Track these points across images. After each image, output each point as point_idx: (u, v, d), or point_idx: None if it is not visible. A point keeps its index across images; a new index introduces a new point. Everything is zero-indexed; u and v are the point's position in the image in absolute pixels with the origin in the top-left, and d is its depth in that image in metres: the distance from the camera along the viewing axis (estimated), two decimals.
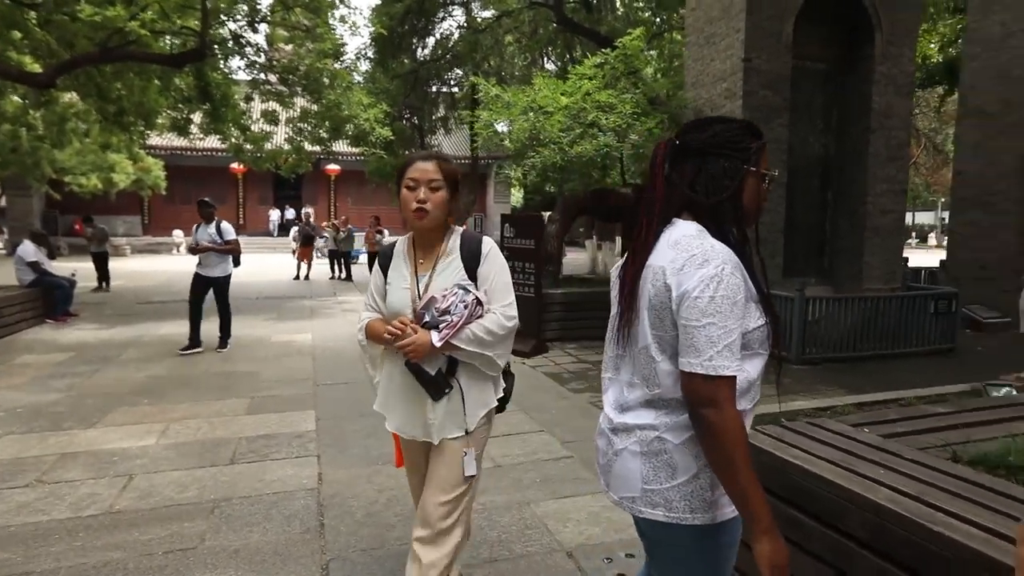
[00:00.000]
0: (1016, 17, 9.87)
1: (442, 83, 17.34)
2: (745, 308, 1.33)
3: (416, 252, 2.03)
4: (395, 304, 1.98)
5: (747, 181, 1.41)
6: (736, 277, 1.30)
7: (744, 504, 1.26)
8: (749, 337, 1.35)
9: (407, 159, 1.99)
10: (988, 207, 10.25)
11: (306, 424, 4.60)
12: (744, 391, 1.36)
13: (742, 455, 1.25)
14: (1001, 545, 1.51)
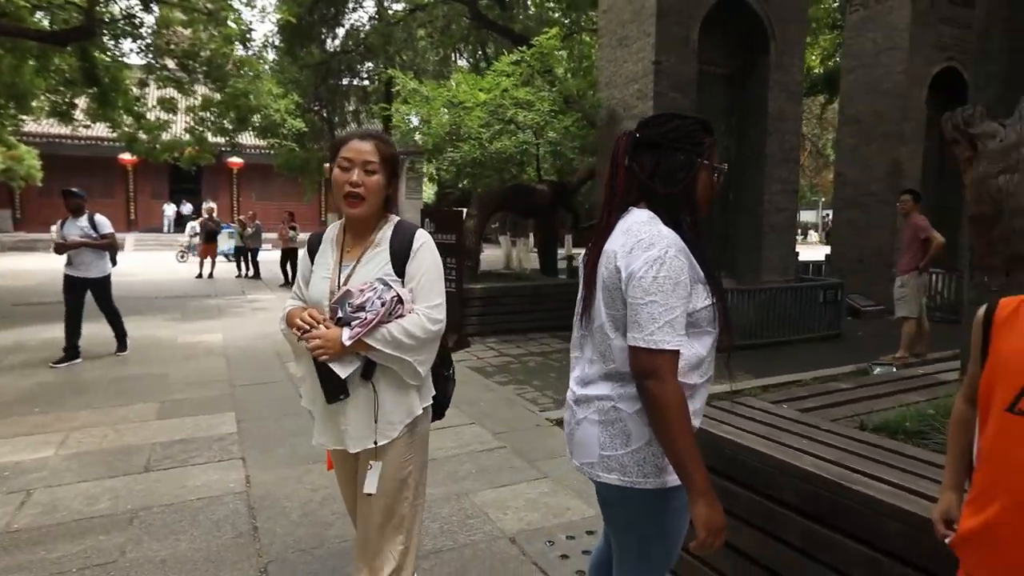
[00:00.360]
0: (886, 36, 10.93)
1: (354, 76, 16.87)
2: (692, 290, 1.43)
3: (345, 240, 1.86)
4: (314, 295, 1.83)
5: (700, 174, 1.52)
6: (679, 260, 1.40)
7: (682, 468, 1.37)
8: (697, 316, 1.45)
9: (343, 136, 1.81)
10: (864, 207, 11.30)
11: (226, 427, 4.39)
12: (694, 366, 1.47)
13: (680, 423, 1.36)
14: (910, 498, 1.71)
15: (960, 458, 1.43)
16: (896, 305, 6.53)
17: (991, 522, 1.20)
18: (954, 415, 1.47)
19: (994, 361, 1.25)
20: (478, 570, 2.61)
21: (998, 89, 2.87)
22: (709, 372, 1.54)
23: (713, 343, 1.51)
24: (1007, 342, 1.24)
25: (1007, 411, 1.20)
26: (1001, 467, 1.21)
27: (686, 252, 1.44)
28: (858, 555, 1.79)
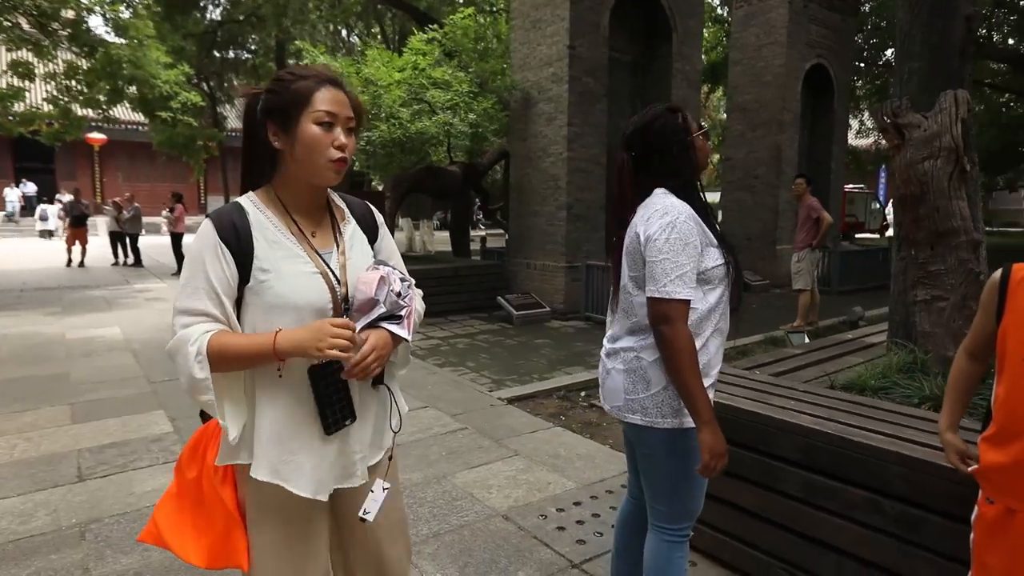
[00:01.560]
0: (766, 31, 11.84)
1: (241, 48, 15.68)
2: (704, 251, 1.67)
3: (297, 221, 1.36)
4: (301, 300, 1.29)
5: (694, 147, 1.77)
6: (689, 224, 1.64)
7: (690, 402, 1.61)
8: (709, 274, 1.69)
9: (306, 82, 1.30)
10: (750, 189, 12.26)
11: (160, 426, 4.04)
12: (705, 316, 1.70)
13: (689, 361, 1.59)
14: (905, 444, 1.96)
15: (959, 403, 1.66)
16: (793, 279, 7.19)
17: (1017, 456, 1.41)
18: (956, 367, 1.69)
19: (1011, 318, 1.46)
20: (482, 548, 2.63)
21: (919, 84, 3.25)
22: (722, 325, 1.76)
23: (722, 296, 1.73)
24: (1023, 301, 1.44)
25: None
26: (1021, 409, 1.42)
27: (696, 219, 1.68)
28: (859, 498, 2.02)
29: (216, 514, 1.34)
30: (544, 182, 8.81)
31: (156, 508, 1.40)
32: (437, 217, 23.73)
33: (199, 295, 1.25)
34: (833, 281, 10.77)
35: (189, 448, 1.41)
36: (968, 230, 2.94)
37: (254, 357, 1.24)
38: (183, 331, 1.23)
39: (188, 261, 1.29)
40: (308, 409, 1.31)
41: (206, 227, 1.30)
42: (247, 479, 1.32)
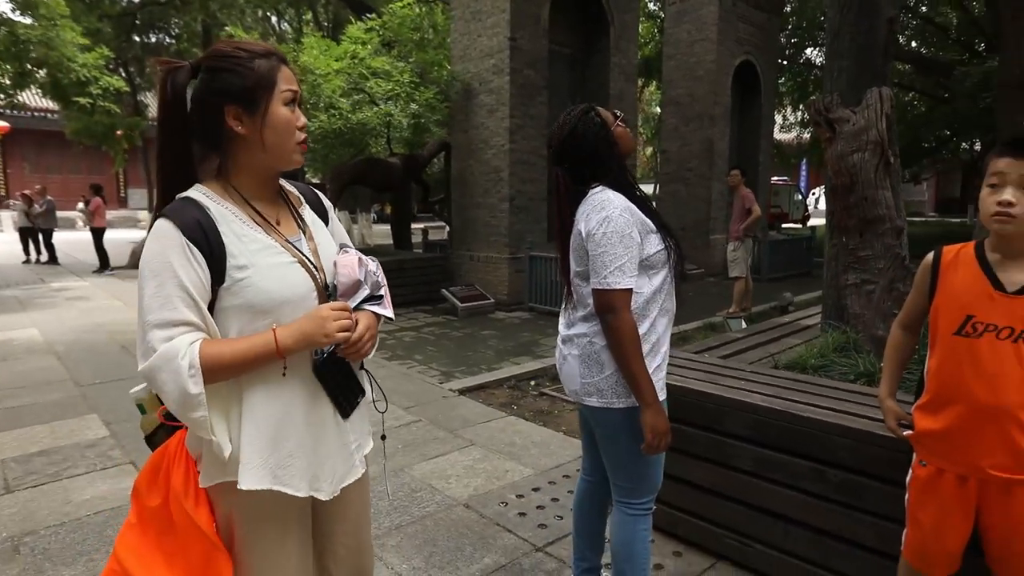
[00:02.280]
0: (698, 28, 12.22)
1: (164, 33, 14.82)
2: (645, 239, 1.77)
3: (260, 211, 1.28)
4: (287, 292, 1.22)
5: (617, 137, 1.85)
6: (624, 217, 1.73)
7: (634, 384, 1.72)
8: (652, 259, 1.79)
9: (274, 60, 1.23)
10: (684, 181, 12.67)
11: (94, 431, 3.83)
12: (651, 298, 1.79)
13: (631, 348, 1.70)
14: (849, 417, 2.10)
15: (896, 372, 1.82)
16: (729, 267, 7.51)
17: (948, 419, 1.55)
18: (892, 339, 1.83)
19: (941, 295, 1.59)
20: (446, 537, 2.65)
21: (848, 81, 3.46)
22: (668, 305, 1.85)
23: (666, 278, 1.83)
24: (953, 280, 1.58)
25: (955, 335, 1.55)
26: (951, 379, 1.55)
27: (632, 211, 1.77)
28: (805, 469, 2.16)
29: (191, 540, 1.21)
30: (486, 174, 8.81)
31: (117, 543, 1.26)
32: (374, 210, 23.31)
33: (173, 304, 1.12)
34: (763, 269, 11.29)
35: (147, 473, 1.28)
36: (893, 218, 3.16)
37: (255, 360, 1.16)
38: (165, 346, 1.10)
39: (151, 268, 1.14)
40: (307, 405, 1.27)
41: (165, 227, 1.15)
42: (234, 495, 1.20)
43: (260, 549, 1.28)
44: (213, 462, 1.22)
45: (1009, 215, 1.44)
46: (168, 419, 1.30)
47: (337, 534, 1.45)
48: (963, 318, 1.53)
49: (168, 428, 1.31)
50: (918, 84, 17.04)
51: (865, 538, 2.04)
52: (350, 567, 1.48)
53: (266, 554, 1.28)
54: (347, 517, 1.45)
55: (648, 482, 1.91)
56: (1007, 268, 1.50)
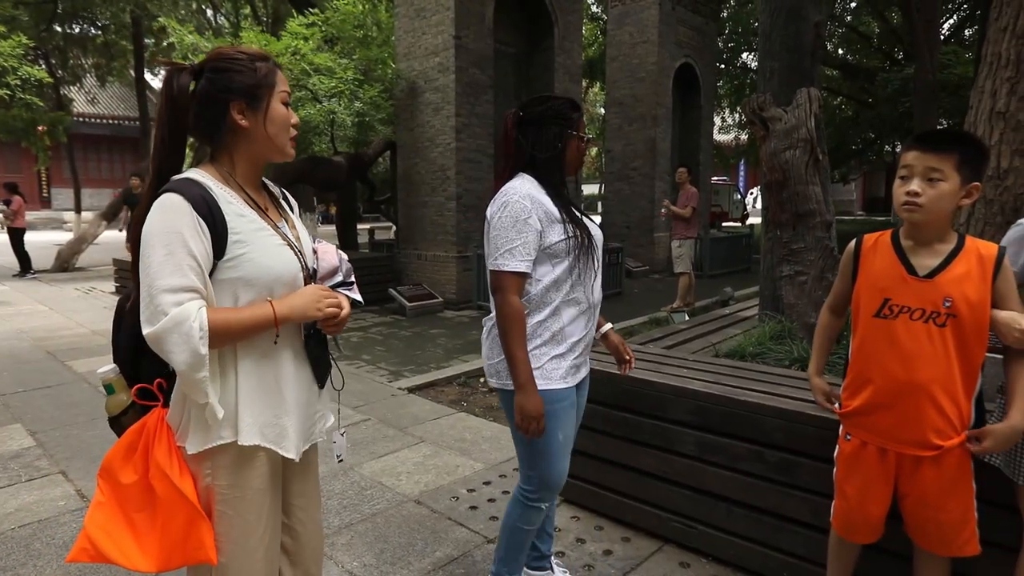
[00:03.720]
0: (640, 30, 12.51)
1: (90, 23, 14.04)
2: (548, 227, 1.79)
3: (252, 197, 1.38)
4: (279, 270, 1.33)
5: (571, 142, 1.88)
6: (521, 203, 1.77)
7: (511, 365, 1.77)
8: (554, 248, 1.81)
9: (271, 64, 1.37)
10: (628, 180, 12.94)
11: (18, 441, 3.61)
12: (551, 286, 1.82)
13: (511, 330, 1.75)
14: (782, 399, 2.21)
15: (823, 351, 1.93)
16: (674, 263, 7.72)
17: (869, 396, 1.66)
18: (820, 321, 1.95)
19: (862, 280, 1.70)
20: (397, 533, 2.63)
21: (779, 82, 3.63)
22: (577, 296, 1.86)
23: (571, 268, 1.83)
24: (872, 266, 1.69)
25: (874, 317, 1.65)
26: (872, 358, 1.66)
27: (533, 198, 1.79)
28: (744, 451, 2.25)
29: (176, 510, 1.27)
30: (433, 172, 8.77)
31: (87, 522, 1.28)
32: (319, 210, 22.81)
33: (184, 271, 1.20)
34: (705, 265, 11.65)
35: (122, 451, 1.31)
36: (822, 212, 3.33)
37: (254, 328, 1.28)
38: (176, 310, 1.18)
39: (160, 238, 1.21)
40: (292, 372, 1.39)
41: (176, 201, 1.23)
42: (219, 458, 1.30)
43: (238, 515, 1.34)
44: (199, 429, 1.30)
45: (916, 204, 1.54)
46: (142, 398, 1.35)
47: (295, 509, 1.52)
48: (881, 301, 1.64)
49: (139, 408, 1.36)
50: (845, 89, 17.92)
51: (800, 513, 2.14)
52: (306, 545, 1.55)
53: (244, 521, 1.35)
54: (304, 491, 1.54)
55: (536, 472, 1.91)
56: (919, 254, 1.61)
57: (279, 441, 1.36)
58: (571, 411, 1.90)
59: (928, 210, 1.54)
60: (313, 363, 1.45)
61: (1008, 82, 2.66)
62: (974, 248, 1.58)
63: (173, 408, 1.34)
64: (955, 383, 1.54)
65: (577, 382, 1.90)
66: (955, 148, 1.55)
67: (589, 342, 1.94)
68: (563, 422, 1.86)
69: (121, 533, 1.27)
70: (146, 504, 1.29)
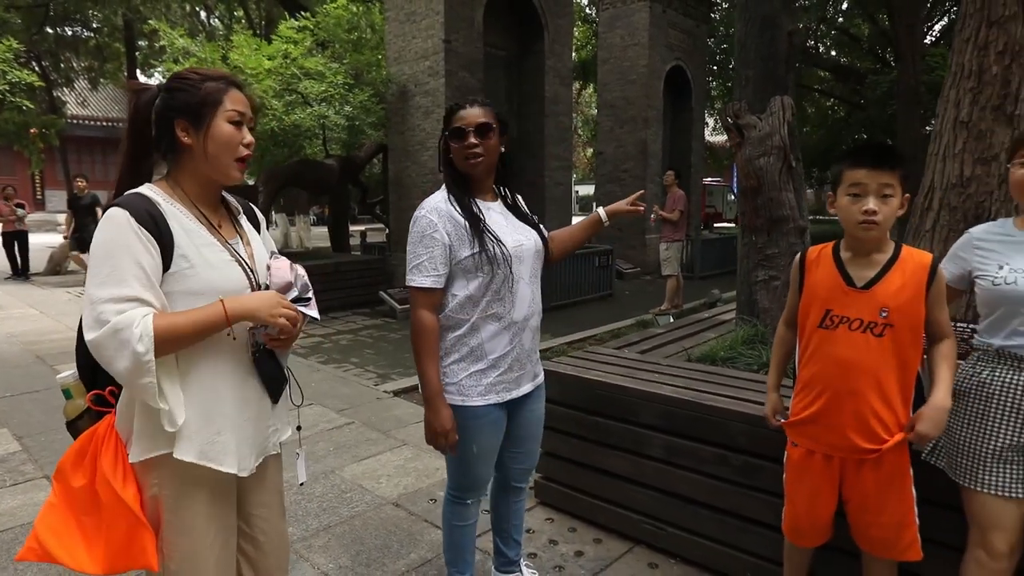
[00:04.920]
0: (630, 33, 12.57)
1: (83, 25, 14.05)
2: (459, 243, 1.79)
3: (204, 213, 1.40)
4: (226, 285, 1.35)
5: (449, 144, 1.85)
6: (427, 219, 1.79)
7: (420, 378, 1.82)
8: (464, 263, 1.79)
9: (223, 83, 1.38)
10: (620, 182, 12.99)
11: (4, 446, 3.65)
12: (466, 302, 1.81)
13: (420, 344, 1.80)
14: (745, 404, 2.26)
15: (780, 366, 1.95)
16: (662, 266, 7.78)
17: (814, 406, 1.71)
18: (777, 335, 1.98)
19: (808, 292, 1.75)
20: (373, 535, 2.68)
21: (754, 89, 3.68)
22: (497, 311, 1.83)
23: (488, 283, 1.81)
24: (815, 277, 1.74)
25: (818, 327, 1.71)
26: (815, 367, 1.71)
27: (441, 212, 1.80)
28: (710, 454, 2.31)
29: (117, 517, 1.29)
30: (423, 175, 8.82)
31: (37, 523, 1.31)
32: (314, 212, 22.84)
33: (128, 282, 1.22)
34: (696, 267, 11.72)
35: (73, 455, 1.35)
36: (795, 218, 3.38)
37: (206, 326, 1.28)
38: (118, 317, 1.19)
39: (105, 250, 1.24)
40: (238, 388, 1.40)
41: (119, 215, 1.26)
42: (164, 469, 1.32)
43: (186, 525, 1.36)
44: (145, 437, 1.32)
45: (874, 222, 1.59)
46: (96, 404, 1.39)
47: (254, 519, 1.54)
48: (823, 312, 1.69)
49: (94, 414, 1.40)
50: (837, 91, 18.02)
51: (763, 515, 2.20)
52: (269, 554, 1.57)
53: (192, 531, 1.36)
54: (264, 502, 1.55)
55: (451, 470, 2.01)
56: (857, 265, 1.67)
57: (219, 458, 1.35)
58: (490, 428, 1.89)
59: (883, 227, 1.59)
60: (264, 379, 1.44)
61: (970, 92, 2.72)
62: (910, 258, 1.64)
63: (121, 416, 1.36)
64: (892, 388, 1.60)
65: (505, 400, 1.88)
66: (898, 163, 1.60)
67: (520, 358, 1.89)
68: (478, 437, 1.88)
69: (71, 535, 1.30)
70: (93, 508, 1.32)
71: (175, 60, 7.29)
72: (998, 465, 1.61)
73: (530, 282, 1.90)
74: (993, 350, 1.65)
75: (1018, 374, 1.60)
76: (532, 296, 1.90)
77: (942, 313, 1.64)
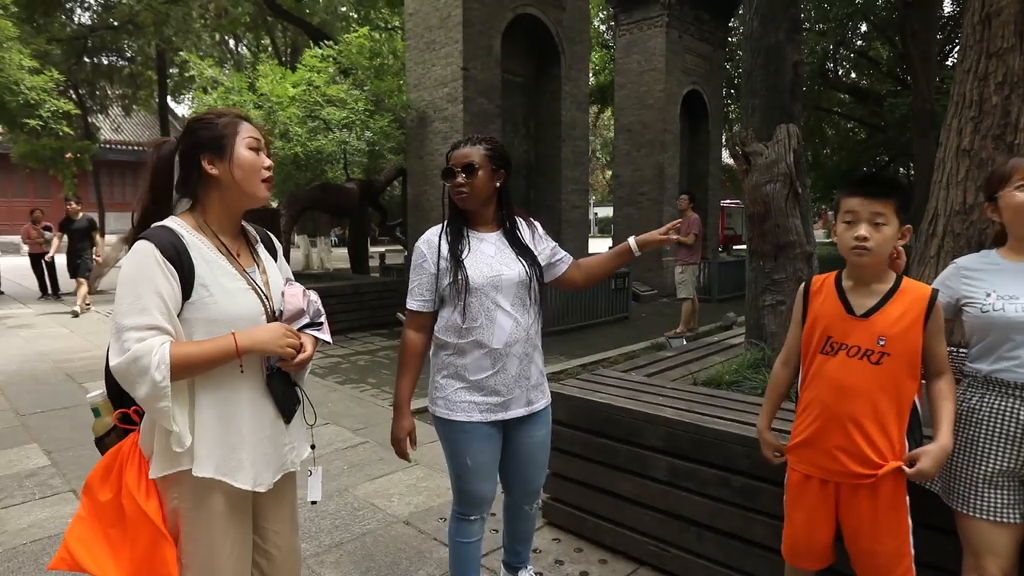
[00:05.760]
0: (647, 59, 12.74)
1: (117, 55, 14.66)
2: (443, 272, 1.95)
3: (224, 243, 1.51)
4: (242, 312, 1.45)
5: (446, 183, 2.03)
6: (419, 248, 2.01)
7: (395, 388, 2.05)
8: (445, 290, 1.97)
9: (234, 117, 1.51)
10: (637, 205, 13.08)
11: (33, 460, 3.80)
12: (448, 328, 1.97)
13: (400, 359, 2.05)
14: (747, 427, 2.30)
15: (773, 406, 1.96)
16: (678, 288, 7.80)
17: (810, 429, 1.75)
18: (772, 376, 1.98)
19: (810, 319, 1.81)
20: (383, 553, 2.74)
21: (760, 117, 3.76)
22: (480, 337, 1.93)
23: (462, 311, 1.93)
24: (818, 305, 1.80)
25: (820, 353, 1.76)
26: (815, 393, 1.76)
27: (430, 244, 1.99)
28: (712, 476, 2.35)
29: (140, 530, 1.37)
30: (441, 199, 8.97)
31: (67, 534, 1.41)
32: (335, 234, 23.26)
33: (150, 311, 1.32)
34: (713, 290, 11.69)
35: (100, 470, 1.45)
36: (802, 243, 3.43)
37: (216, 358, 1.37)
38: (139, 345, 1.29)
39: (130, 280, 1.34)
40: (253, 408, 1.48)
41: (146, 247, 1.36)
42: (183, 485, 1.41)
43: (203, 538, 1.44)
44: (164, 455, 1.40)
45: (865, 248, 1.65)
46: (122, 422, 1.49)
47: (269, 533, 1.62)
48: (824, 338, 1.74)
49: (120, 431, 1.50)
50: (857, 113, 17.98)
51: (764, 538, 2.22)
52: (280, 568, 1.64)
53: (209, 543, 1.44)
54: (279, 517, 1.64)
55: (453, 486, 2.10)
56: (858, 293, 1.72)
57: (234, 474, 1.43)
58: (480, 443, 1.99)
59: (876, 253, 1.65)
60: (276, 399, 1.53)
61: (972, 121, 2.77)
62: (910, 289, 1.69)
63: (144, 434, 1.46)
64: (887, 416, 1.64)
65: (490, 420, 1.97)
66: (892, 193, 1.66)
67: (507, 384, 1.96)
68: (469, 451, 1.99)
69: (99, 546, 1.40)
70: (119, 521, 1.41)
71: (204, 89, 7.59)
72: (990, 490, 1.64)
73: (513, 311, 1.95)
74: (982, 376, 1.69)
75: (1006, 400, 1.63)
76: (515, 324, 1.95)
77: (940, 346, 1.68)
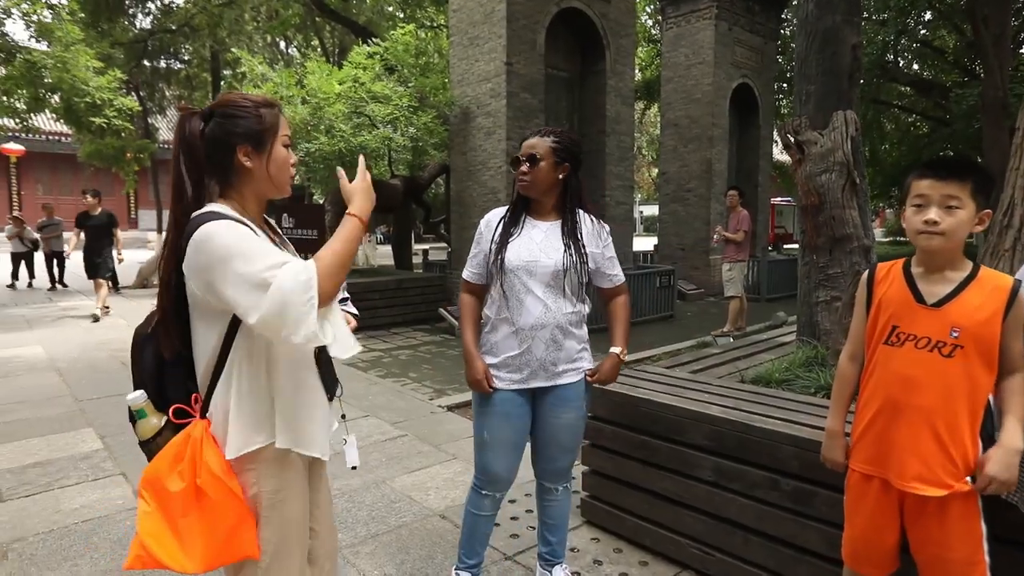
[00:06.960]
0: (695, 52, 12.44)
1: (174, 57, 15.22)
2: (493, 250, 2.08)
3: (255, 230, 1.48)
4: None
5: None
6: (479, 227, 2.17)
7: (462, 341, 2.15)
8: (492, 268, 2.10)
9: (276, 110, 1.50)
10: (683, 201, 12.80)
11: (88, 444, 3.94)
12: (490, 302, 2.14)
13: (460, 315, 2.20)
14: (798, 427, 2.17)
15: (843, 408, 1.78)
16: (725, 286, 7.58)
17: (873, 426, 1.63)
18: (839, 372, 1.82)
19: (876, 308, 1.68)
20: (418, 546, 2.72)
21: (815, 105, 3.58)
22: (508, 316, 2.06)
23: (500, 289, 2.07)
24: (884, 293, 1.67)
25: (884, 344, 1.63)
26: (877, 384, 1.64)
27: (489, 223, 2.15)
28: (760, 478, 2.23)
29: (227, 510, 1.37)
30: (484, 195, 8.97)
31: (140, 530, 1.37)
32: (380, 231, 23.57)
33: (269, 252, 1.30)
34: (762, 289, 11.34)
35: (168, 460, 1.39)
36: (859, 236, 3.25)
37: (355, 237, 1.38)
38: (280, 272, 1.25)
39: (231, 249, 1.29)
40: (314, 383, 1.53)
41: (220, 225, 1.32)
42: (260, 462, 1.43)
43: (283, 516, 1.47)
44: (241, 433, 1.41)
45: (934, 232, 1.52)
46: (178, 417, 1.45)
47: (313, 511, 1.63)
48: (890, 328, 1.62)
49: (173, 427, 1.45)
50: (919, 106, 17.17)
51: (817, 545, 2.10)
52: (322, 544, 1.67)
53: (287, 522, 1.48)
54: (318, 501, 1.66)
55: (476, 460, 2.19)
56: (930, 281, 1.59)
57: (309, 445, 1.49)
58: (501, 419, 2.09)
59: (948, 237, 1.52)
60: (324, 380, 1.56)
61: None
62: (989, 279, 1.55)
63: (214, 418, 1.43)
64: (958, 416, 1.51)
65: (515, 388, 2.07)
66: (970, 175, 1.53)
67: (530, 363, 2.06)
68: (489, 424, 2.10)
69: (168, 539, 1.36)
70: (191, 509, 1.37)
71: (255, 86, 7.76)
72: None
73: (544, 296, 2.04)
74: None
75: None
76: (545, 310, 2.04)
77: (1016, 342, 1.53)
